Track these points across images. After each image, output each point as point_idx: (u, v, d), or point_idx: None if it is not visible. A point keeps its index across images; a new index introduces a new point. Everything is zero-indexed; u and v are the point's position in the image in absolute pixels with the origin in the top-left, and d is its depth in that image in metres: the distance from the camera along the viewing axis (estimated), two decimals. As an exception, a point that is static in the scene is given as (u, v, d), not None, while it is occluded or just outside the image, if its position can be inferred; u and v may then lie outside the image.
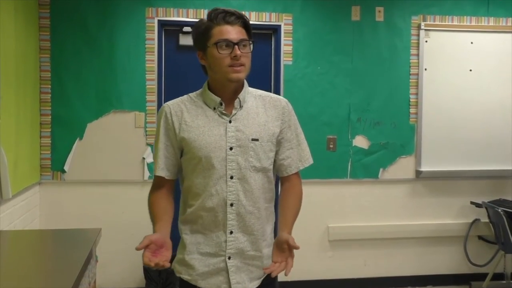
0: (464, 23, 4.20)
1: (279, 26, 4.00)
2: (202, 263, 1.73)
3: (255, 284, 1.75)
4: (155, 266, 1.50)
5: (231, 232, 1.70)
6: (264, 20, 3.97)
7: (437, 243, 4.29)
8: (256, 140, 1.71)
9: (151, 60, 3.86)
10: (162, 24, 3.89)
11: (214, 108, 1.73)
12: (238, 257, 1.72)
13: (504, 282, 4.29)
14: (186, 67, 3.93)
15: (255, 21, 3.92)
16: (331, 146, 4.10)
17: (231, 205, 1.69)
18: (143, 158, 3.85)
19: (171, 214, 1.76)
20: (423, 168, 4.17)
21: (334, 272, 4.17)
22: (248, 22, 1.72)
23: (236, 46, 1.64)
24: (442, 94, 4.18)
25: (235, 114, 1.72)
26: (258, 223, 1.73)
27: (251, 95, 1.79)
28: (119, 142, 3.84)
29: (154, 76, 3.87)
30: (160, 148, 1.75)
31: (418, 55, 4.15)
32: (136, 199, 3.78)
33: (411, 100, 4.17)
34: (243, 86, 1.75)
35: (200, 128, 1.71)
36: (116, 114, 3.85)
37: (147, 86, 3.86)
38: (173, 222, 1.74)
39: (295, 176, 1.83)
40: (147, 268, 3.66)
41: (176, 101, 1.78)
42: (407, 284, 4.25)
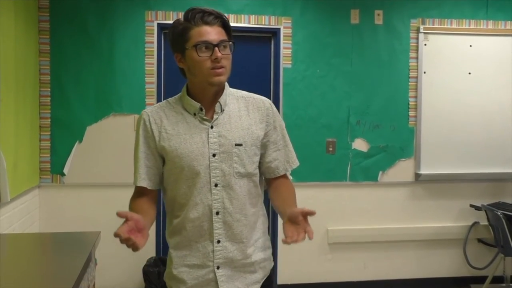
0: (463, 26, 4.21)
1: (279, 29, 4.00)
2: (191, 276, 1.66)
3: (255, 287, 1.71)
4: (125, 241, 1.38)
5: (218, 242, 1.64)
6: (263, 24, 3.98)
7: (436, 246, 4.29)
8: (240, 145, 1.64)
9: (151, 63, 3.86)
10: (162, 27, 3.89)
11: (194, 114, 1.66)
12: (228, 266, 1.66)
13: (504, 285, 4.28)
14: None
15: (255, 24, 3.92)
16: (331, 149, 4.10)
17: (217, 213, 1.63)
18: (143, 161, 3.85)
19: (152, 217, 1.67)
20: (423, 171, 4.17)
21: (334, 275, 4.16)
22: (227, 21, 1.65)
23: (216, 48, 1.57)
24: (441, 97, 4.18)
25: (216, 119, 1.65)
26: (246, 230, 1.67)
27: (233, 97, 1.71)
28: (119, 145, 3.84)
29: (154, 79, 3.87)
30: (140, 158, 1.67)
31: (417, 58, 4.15)
32: (135, 202, 3.79)
33: (410, 103, 4.18)
34: (223, 89, 1.68)
35: (181, 135, 1.64)
36: (115, 117, 3.85)
37: (146, 89, 3.87)
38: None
39: (283, 176, 1.77)
40: (147, 271, 3.66)
41: (155, 108, 1.71)
42: (406, 286, 4.24)
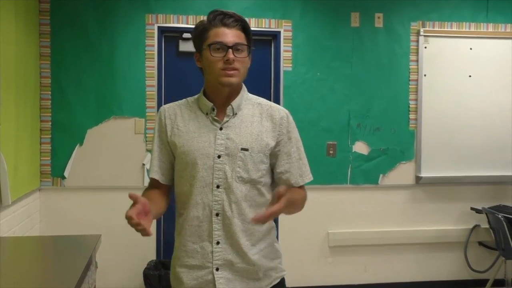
0: (463, 29, 4.22)
1: (279, 32, 4.01)
2: (189, 276, 1.66)
3: None
4: (136, 226, 1.38)
5: (217, 243, 1.62)
6: (263, 27, 3.98)
7: (437, 249, 4.28)
8: (246, 150, 1.62)
9: (151, 66, 3.87)
10: (162, 30, 3.90)
11: (207, 114, 1.67)
12: (228, 268, 1.64)
13: (505, 288, 4.29)
14: (186, 73, 3.94)
15: (255, 27, 3.93)
16: (331, 152, 4.10)
17: (217, 214, 1.61)
18: (143, 164, 3.85)
19: (160, 206, 1.66)
20: (423, 174, 4.17)
21: (334, 278, 4.15)
22: (248, 26, 1.66)
23: (230, 50, 1.58)
24: (442, 100, 4.18)
25: (227, 122, 1.65)
26: (245, 236, 1.64)
27: (249, 102, 1.71)
28: (119, 148, 3.84)
29: (154, 82, 3.87)
30: (154, 151, 1.72)
31: (417, 61, 4.16)
32: (136, 205, 3.79)
33: (410, 106, 4.18)
34: (238, 93, 1.69)
35: (190, 133, 1.66)
36: (116, 120, 3.86)
37: (147, 92, 3.87)
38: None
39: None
40: (147, 275, 3.65)
41: (173, 104, 1.75)
42: (407, 290, 4.25)
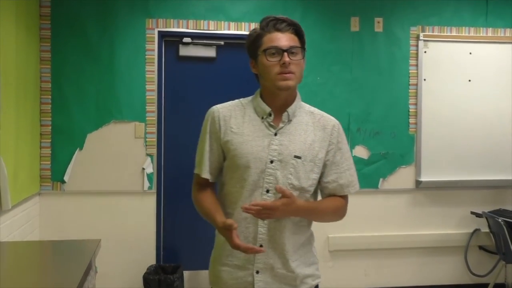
0: (463, 34, 4.22)
1: (279, 36, 4.01)
2: (230, 276, 1.69)
3: None
4: (251, 251, 1.52)
5: (261, 246, 1.63)
6: (263, 31, 3.98)
7: (437, 253, 4.28)
8: (299, 157, 1.64)
9: (151, 71, 3.87)
10: (162, 35, 3.91)
11: (262, 118, 1.69)
12: (268, 272, 1.66)
13: (505, 292, 4.28)
14: (186, 78, 3.94)
15: (255, 32, 3.93)
16: (331, 156, 4.09)
17: (263, 219, 1.62)
18: (143, 169, 3.85)
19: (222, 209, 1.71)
20: (423, 178, 4.17)
21: (335, 282, 4.14)
22: (301, 29, 1.70)
23: (285, 53, 1.61)
24: (442, 104, 4.19)
25: (282, 128, 1.67)
26: (289, 243, 1.66)
27: (303, 110, 1.74)
28: (119, 152, 3.84)
29: (154, 86, 3.87)
30: (206, 150, 1.72)
31: (417, 65, 4.16)
32: (136, 209, 3.79)
33: (410, 110, 4.18)
34: (294, 99, 1.71)
35: (244, 136, 1.67)
36: (116, 124, 3.86)
37: (147, 97, 3.87)
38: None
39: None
40: (147, 279, 3.64)
41: (226, 105, 1.75)
42: (408, 294, 4.24)
